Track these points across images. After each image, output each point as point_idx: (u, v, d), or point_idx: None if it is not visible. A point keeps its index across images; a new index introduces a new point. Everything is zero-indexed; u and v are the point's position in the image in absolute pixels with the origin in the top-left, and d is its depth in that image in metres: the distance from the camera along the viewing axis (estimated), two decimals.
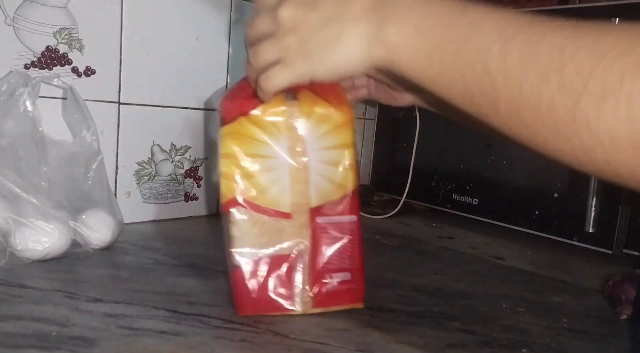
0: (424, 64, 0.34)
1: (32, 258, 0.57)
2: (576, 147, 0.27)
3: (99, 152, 0.68)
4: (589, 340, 0.51)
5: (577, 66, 0.26)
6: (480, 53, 0.30)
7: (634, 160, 0.26)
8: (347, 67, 0.40)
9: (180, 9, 0.78)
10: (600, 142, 0.26)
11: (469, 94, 0.32)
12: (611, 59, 0.25)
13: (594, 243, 0.78)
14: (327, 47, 0.39)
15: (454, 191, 0.96)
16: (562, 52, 0.27)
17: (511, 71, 0.29)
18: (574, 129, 0.27)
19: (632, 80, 0.25)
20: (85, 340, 0.42)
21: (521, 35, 0.29)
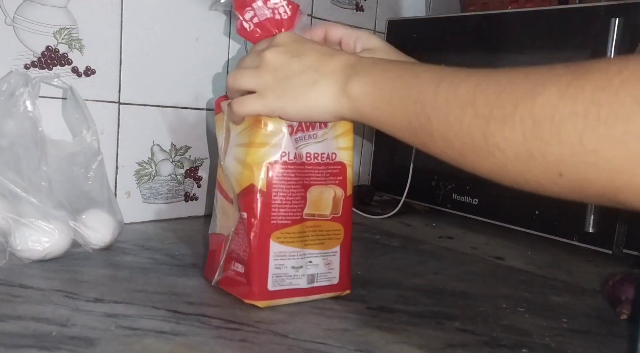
0: (379, 110, 0.42)
1: (32, 258, 0.57)
2: (494, 164, 0.34)
3: (99, 152, 0.68)
4: (589, 340, 0.51)
5: (485, 98, 0.34)
6: (419, 95, 0.38)
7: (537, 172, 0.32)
8: (316, 112, 0.46)
9: (180, 9, 0.78)
10: (509, 158, 0.33)
11: (412, 129, 0.39)
12: (508, 92, 0.33)
13: (594, 243, 0.78)
14: (301, 92, 0.46)
15: (454, 191, 0.96)
16: (474, 89, 0.35)
17: (440, 107, 0.37)
18: (488, 149, 0.34)
19: (523, 106, 0.31)
20: (85, 340, 0.42)
21: (448, 79, 0.37)
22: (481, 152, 0.34)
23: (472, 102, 0.34)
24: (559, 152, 0.30)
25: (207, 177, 0.85)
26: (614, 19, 0.72)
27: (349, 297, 0.56)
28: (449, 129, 0.36)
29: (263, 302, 0.52)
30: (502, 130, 0.32)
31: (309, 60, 0.46)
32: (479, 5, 1.01)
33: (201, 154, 0.84)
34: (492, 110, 0.33)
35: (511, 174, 0.33)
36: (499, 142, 0.33)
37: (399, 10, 1.14)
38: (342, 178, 0.55)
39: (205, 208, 0.86)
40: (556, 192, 0.33)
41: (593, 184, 0.30)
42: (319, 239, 0.54)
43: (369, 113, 0.43)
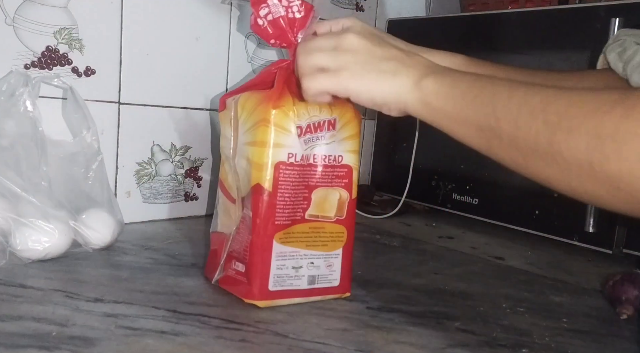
0: (449, 106, 0.43)
1: (32, 258, 0.57)
2: (556, 171, 0.36)
3: (99, 152, 0.68)
4: (589, 340, 0.51)
5: (556, 109, 0.36)
6: (493, 98, 0.41)
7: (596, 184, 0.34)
8: (387, 99, 0.47)
9: (180, 9, 0.78)
10: (571, 167, 0.35)
11: (479, 128, 0.41)
12: (577, 107, 0.35)
13: (594, 243, 0.78)
14: (381, 77, 0.47)
15: (454, 191, 0.96)
16: (547, 100, 0.37)
17: (512, 110, 0.39)
18: (552, 156, 0.36)
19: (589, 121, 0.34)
20: (85, 340, 0.42)
21: (523, 89, 0.40)
22: (545, 157, 0.36)
23: (543, 111, 0.36)
24: (619, 168, 0.32)
25: (207, 177, 0.85)
26: (614, 19, 0.72)
27: (349, 297, 0.56)
28: (517, 132, 0.38)
29: (263, 302, 0.52)
30: (567, 140, 0.34)
31: (393, 51, 0.48)
32: (479, 5, 1.01)
33: (201, 154, 0.84)
34: (560, 120, 0.35)
35: (571, 182, 0.36)
36: (563, 150, 0.35)
37: (399, 10, 1.14)
38: (348, 181, 0.55)
39: (205, 208, 0.86)
40: (613, 205, 0.35)
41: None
42: (322, 241, 0.54)
43: (439, 108, 0.44)
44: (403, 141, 1.04)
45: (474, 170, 0.92)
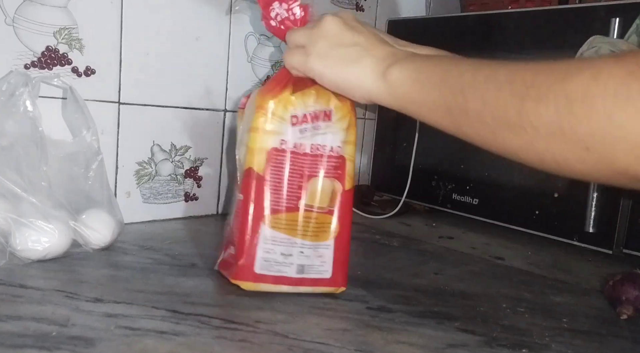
0: (415, 90, 0.44)
1: (32, 258, 0.57)
2: (523, 141, 0.37)
3: (99, 152, 0.68)
4: (589, 340, 0.51)
5: (523, 79, 0.37)
6: (459, 77, 0.41)
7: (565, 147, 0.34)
8: (350, 86, 0.49)
9: (180, 9, 0.78)
10: (540, 134, 0.35)
11: (447, 107, 0.42)
12: (545, 74, 0.36)
13: (594, 243, 0.78)
14: (344, 63, 0.48)
15: (454, 191, 0.96)
16: (513, 72, 0.38)
17: (479, 86, 0.39)
18: (521, 125, 0.36)
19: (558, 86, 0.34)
20: (85, 340, 0.42)
21: (487, 65, 0.40)
22: (513, 128, 0.37)
23: (510, 82, 0.37)
24: (588, 127, 0.33)
25: (207, 177, 0.85)
26: (614, 19, 0.72)
27: (349, 297, 0.56)
28: (484, 107, 0.38)
29: (248, 283, 0.53)
30: (536, 107, 0.35)
31: (361, 38, 0.49)
32: (479, 5, 1.01)
33: (201, 154, 0.84)
34: (528, 89, 0.36)
35: (539, 150, 0.36)
36: (532, 119, 0.35)
37: (399, 10, 1.14)
38: (342, 172, 0.55)
39: (205, 208, 0.86)
40: (580, 170, 0.35)
41: (618, 158, 0.32)
42: (312, 230, 0.54)
43: (405, 94, 0.45)
44: (403, 141, 1.04)
45: (474, 170, 0.92)
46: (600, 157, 0.33)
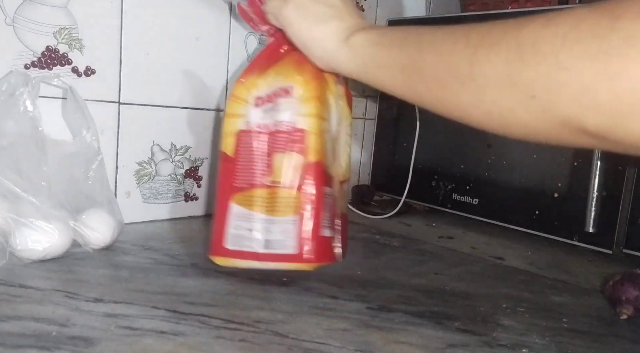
0: (375, 54, 0.45)
1: (32, 258, 0.57)
2: (473, 93, 0.37)
3: (99, 152, 0.68)
4: (589, 340, 0.51)
5: (478, 32, 0.37)
6: (418, 37, 0.42)
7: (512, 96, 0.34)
8: (313, 43, 0.50)
9: (180, 9, 0.78)
10: (488, 84, 0.35)
11: (403, 67, 0.42)
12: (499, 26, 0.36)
13: (594, 243, 0.78)
14: (314, 18, 0.50)
15: (454, 191, 0.96)
16: (469, 28, 0.38)
17: (435, 42, 0.40)
18: (471, 76, 0.36)
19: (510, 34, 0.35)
20: (85, 340, 0.42)
21: (445, 27, 0.41)
22: (465, 80, 0.37)
23: (466, 36, 0.38)
24: (535, 72, 0.32)
25: (207, 177, 0.85)
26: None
27: (349, 297, 0.56)
28: (439, 60, 0.39)
29: (221, 258, 0.56)
30: (487, 55, 0.35)
31: (339, 3, 0.51)
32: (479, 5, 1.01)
33: (201, 154, 0.84)
34: (482, 39, 0.36)
35: (486, 102, 0.36)
36: (482, 67, 0.36)
37: (399, 10, 1.14)
38: (303, 145, 0.54)
39: (205, 208, 0.86)
40: (525, 121, 0.35)
41: (562, 105, 0.32)
42: (277, 206, 0.55)
43: (363, 56, 0.46)
44: (403, 141, 1.04)
45: (474, 170, 0.92)
46: (545, 105, 0.33)
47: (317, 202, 0.54)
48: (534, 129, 0.35)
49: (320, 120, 0.55)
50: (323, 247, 0.55)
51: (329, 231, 0.56)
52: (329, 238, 0.57)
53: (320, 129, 0.55)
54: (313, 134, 0.55)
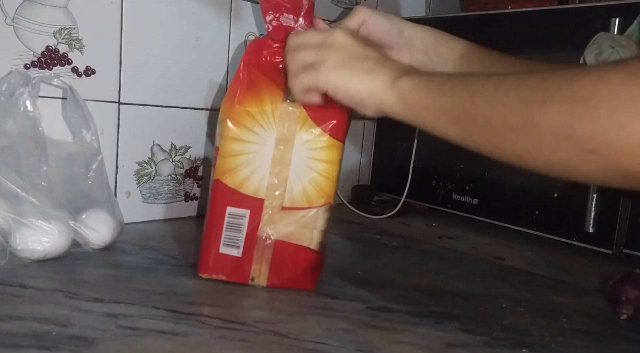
0: (425, 98, 0.45)
1: (32, 258, 0.57)
2: (530, 144, 0.37)
3: (99, 152, 0.68)
4: (589, 340, 0.51)
5: (530, 84, 0.38)
6: (468, 86, 0.42)
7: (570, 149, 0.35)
8: (362, 95, 0.48)
9: (180, 9, 0.78)
10: (545, 136, 0.36)
11: (455, 114, 0.43)
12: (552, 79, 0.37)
13: (594, 243, 0.78)
14: (359, 74, 0.49)
15: (454, 191, 0.96)
16: (521, 78, 0.39)
17: (487, 92, 0.40)
18: (526, 128, 0.37)
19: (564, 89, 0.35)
20: (85, 340, 0.42)
21: (498, 75, 0.42)
22: (520, 132, 0.37)
23: (517, 88, 0.38)
24: (593, 128, 0.33)
25: (207, 177, 0.85)
26: (613, 19, 0.72)
27: (349, 297, 0.56)
28: (492, 112, 0.39)
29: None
30: (541, 109, 0.36)
31: (375, 53, 0.50)
32: (479, 5, 1.01)
33: (201, 154, 0.84)
34: (535, 93, 0.37)
35: (545, 153, 0.37)
36: (538, 121, 0.36)
37: (399, 10, 1.14)
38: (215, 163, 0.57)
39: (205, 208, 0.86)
40: (585, 172, 0.36)
41: (621, 159, 0.33)
42: None
43: (415, 101, 0.46)
44: (403, 141, 1.04)
45: (474, 170, 0.92)
46: (605, 158, 0.34)
47: (210, 219, 0.57)
48: (595, 178, 0.37)
49: (227, 140, 0.55)
50: (220, 264, 0.57)
51: (235, 250, 0.57)
52: (233, 257, 0.56)
53: (227, 149, 0.55)
54: (220, 154, 0.56)
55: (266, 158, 0.55)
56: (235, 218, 0.56)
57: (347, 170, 1.11)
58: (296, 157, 0.56)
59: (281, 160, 0.56)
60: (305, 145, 0.56)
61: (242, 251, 0.56)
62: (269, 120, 0.55)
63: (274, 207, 0.56)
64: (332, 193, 0.57)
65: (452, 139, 0.44)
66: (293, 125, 0.55)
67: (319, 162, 0.56)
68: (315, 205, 0.56)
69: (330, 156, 0.56)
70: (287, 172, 0.56)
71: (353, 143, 1.11)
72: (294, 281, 0.57)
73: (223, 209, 0.56)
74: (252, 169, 0.55)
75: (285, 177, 0.56)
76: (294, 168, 0.56)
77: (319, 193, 0.56)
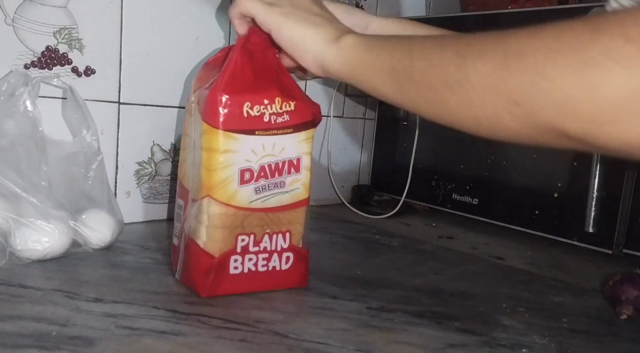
0: (364, 57, 0.46)
1: (32, 258, 0.57)
2: (460, 98, 0.38)
3: (99, 152, 0.68)
4: (589, 340, 0.51)
5: (467, 41, 0.38)
6: (408, 43, 0.43)
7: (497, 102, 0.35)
8: (304, 43, 0.50)
9: (180, 9, 0.78)
10: (475, 89, 0.36)
11: (393, 71, 0.43)
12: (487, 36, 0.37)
13: (594, 243, 0.78)
14: (304, 24, 0.50)
15: (454, 191, 0.96)
16: (457, 38, 0.40)
17: (425, 49, 0.41)
18: (458, 81, 0.37)
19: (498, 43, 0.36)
20: (85, 340, 0.42)
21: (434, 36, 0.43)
22: (453, 85, 0.38)
23: (456, 44, 0.39)
24: (519, 80, 0.34)
25: None
26: None
27: (349, 297, 0.56)
28: (429, 66, 0.40)
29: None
30: (474, 62, 0.36)
31: (327, 13, 0.52)
32: (479, 5, 1.01)
33: None
34: (471, 48, 0.37)
35: (474, 107, 0.37)
36: (470, 74, 0.37)
37: (399, 10, 1.14)
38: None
39: None
40: (510, 127, 0.36)
41: (544, 112, 0.33)
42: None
43: (354, 57, 0.47)
44: (403, 141, 1.04)
45: (474, 170, 0.92)
46: (529, 111, 0.34)
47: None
48: (518, 133, 0.36)
49: (183, 136, 0.57)
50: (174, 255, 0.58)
51: (176, 240, 0.58)
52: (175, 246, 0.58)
53: (182, 144, 0.58)
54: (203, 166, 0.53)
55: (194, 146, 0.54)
56: (178, 209, 0.58)
57: (347, 170, 1.11)
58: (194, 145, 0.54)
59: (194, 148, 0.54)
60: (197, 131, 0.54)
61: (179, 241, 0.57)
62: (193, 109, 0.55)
63: (191, 198, 0.55)
64: (211, 185, 0.52)
65: (387, 97, 0.45)
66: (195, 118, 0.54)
67: (201, 149, 0.52)
68: (197, 198, 0.53)
69: (207, 143, 0.52)
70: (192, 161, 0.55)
71: (353, 143, 1.11)
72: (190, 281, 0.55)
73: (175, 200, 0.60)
74: (183, 156, 0.57)
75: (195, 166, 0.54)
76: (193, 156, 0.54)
77: (200, 185, 0.52)
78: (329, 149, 1.05)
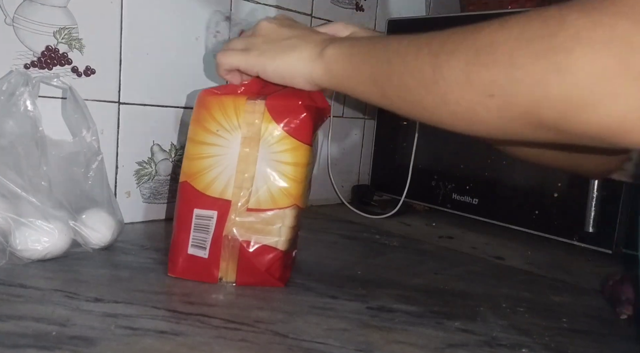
0: (348, 66, 0.47)
1: (32, 258, 0.57)
2: (436, 95, 0.38)
3: (99, 152, 0.68)
4: (589, 340, 0.51)
5: (440, 39, 0.39)
6: (385, 48, 0.44)
7: (472, 96, 0.36)
8: (291, 72, 0.51)
9: (180, 9, 0.78)
10: (450, 86, 0.37)
11: (373, 77, 0.44)
12: (459, 32, 0.38)
13: (594, 243, 0.78)
14: (283, 53, 0.52)
15: (454, 191, 0.96)
16: (432, 36, 0.40)
17: (401, 51, 0.42)
18: (434, 79, 0.38)
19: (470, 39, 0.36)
20: (85, 340, 0.42)
21: (412, 36, 0.42)
22: (429, 84, 0.39)
23: (429, 44, 0.39)
24: (492, 73, 0.34)
25: None
26: None
27: (349, 297, 0.56)
28: (405, 68, 0.41)
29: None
30: (448, 60, 0.37)
31: (297, 31, 0.53)
32: (479, 5, 1.01)
33: None
34: (444, 46, 0.38)
35: (450, 103, 0.38)
36: (444, 72, 0.37)
37: (399, 10, 1.14)
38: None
39: None
40: (486, 118, 0.36)
41: (518, 102, 0.34)
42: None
43: (340, 70, 0.48)
44: (403, 141, 1.04)
45: (474, 170, 0.92)
46: (503, 102, 0.34)
47: (178, 221, 0.58)
48: (494, 126, 0.37)
49: (191, 143, 0.57)
50: (188, 264, 0.57)
51: (202, 252, 0.57)
52: (201, 258, 0.56)
53: (191, 152, 0.57)
54: (185, 155, 0.57)
55: (232, 159, 0.55)
56: (203, 219, 0.56)
57: (347, 170, 1.11)
58: (262, 158, 0.55)
59: (247, 161, 0.55)
60: (270, 148, 0.55)
61: (208, 252, 0.56)
62: (233, 121, 0.56)
63: (240, 208, 0.55)
64: (298, 194, 0.56)
65: (372, 101, 0.46)
66: (257, 125, 0.55)
67: (284, 164, 0.55)
68: (281, 207, 0.55)
69: (295, 158, 0.55)
70: (253, 173, 0.55)
71: (353, 143, 1.11)
72: (263, 280, 0.56)
73: (190, 211, 0.56)
74: (218, 171, 0.56)
75: (251, 178, 0.55)
76: (260, 169, 0.55)
77: (285, 195, 0.55)
78: (329, 148, 1.05)
